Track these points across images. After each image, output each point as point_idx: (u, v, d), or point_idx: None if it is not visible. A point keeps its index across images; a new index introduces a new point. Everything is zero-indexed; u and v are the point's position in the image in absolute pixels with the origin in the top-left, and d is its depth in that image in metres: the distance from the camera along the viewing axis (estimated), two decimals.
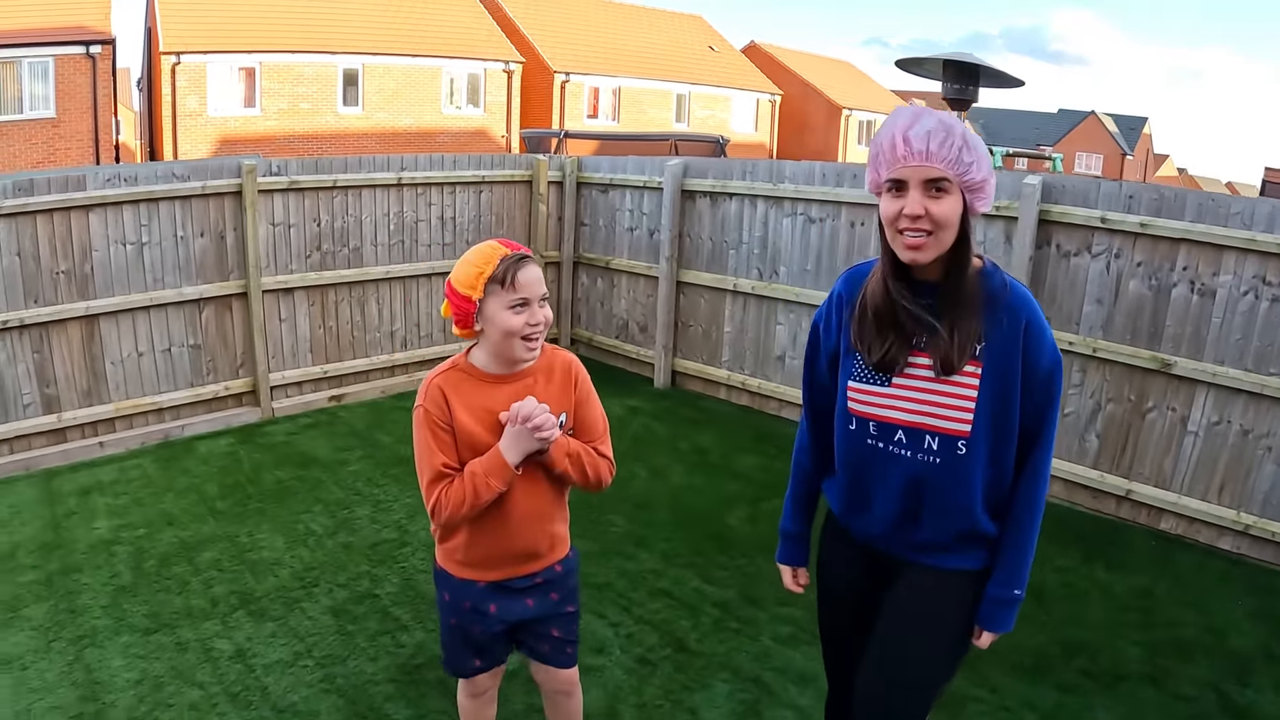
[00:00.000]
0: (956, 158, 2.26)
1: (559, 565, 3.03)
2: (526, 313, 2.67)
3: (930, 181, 2.27)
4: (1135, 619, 5.06)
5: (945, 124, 2.27)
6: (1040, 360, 2.40)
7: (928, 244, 2.30)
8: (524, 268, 2.66)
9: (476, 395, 2.75)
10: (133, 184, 6.94)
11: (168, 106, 24.73)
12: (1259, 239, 5.58)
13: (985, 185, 2.32)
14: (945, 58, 7.52)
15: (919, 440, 2.46)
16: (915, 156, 2.27)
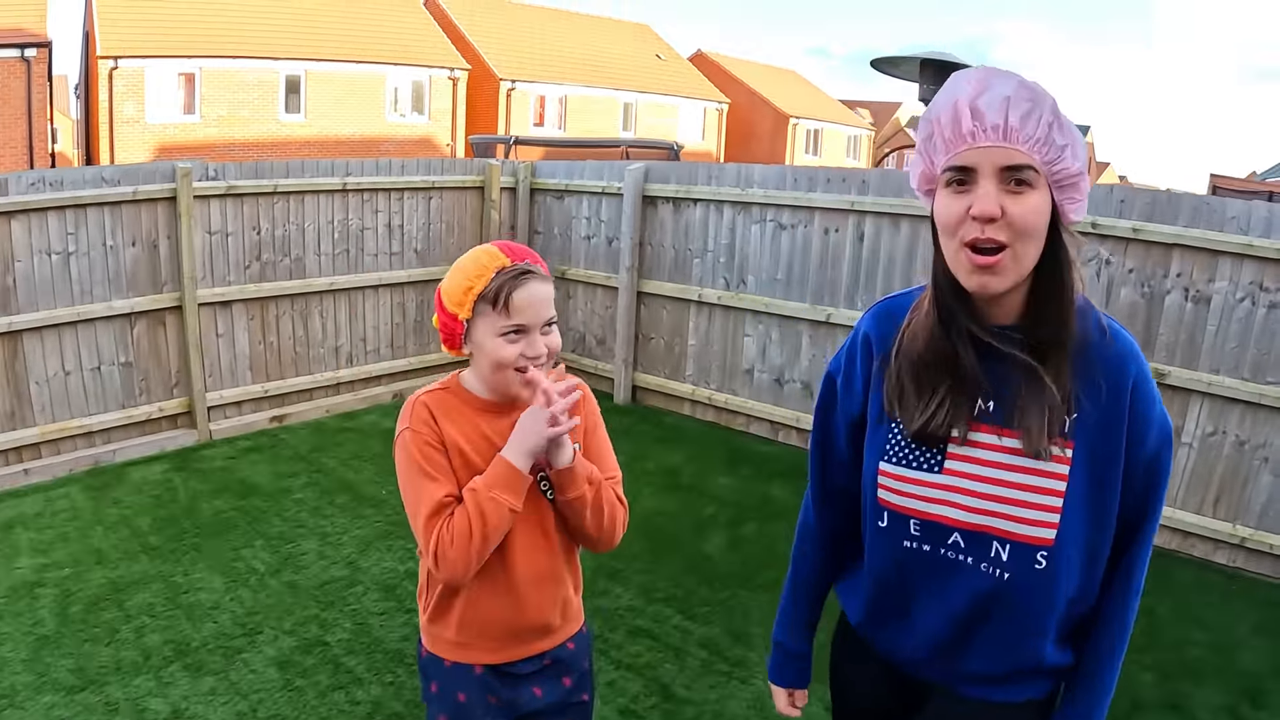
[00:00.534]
0: (1046, 137, 1.59)
1: (571, 642, 2.42)
2: (523, 342, 2.14)
3: (1010, 170, 1.60)
4: (1140, 641, 4.85)
5: (1031, 90, 1.61)
6: (1148, 432, 1.74)
7: (1003, 263, 1.62)
8: (524, 285, 2.13)
9: (468, 422, 2.22)
10: (59, 189, 6.46)
11: (105, 113, 24.17)
12: (1256, 244, 5.48)
13: (1081, 182, 1.66)
14: (924, 56, 7.24)
15: (983, 548, 1.79)
16: (989, 133, 1.61)
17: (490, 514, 2.08)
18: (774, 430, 7.77)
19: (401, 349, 8.75)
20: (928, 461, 1.80)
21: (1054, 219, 1.66)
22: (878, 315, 1.93)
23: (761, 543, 5.90)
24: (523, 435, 2.11)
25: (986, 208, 1.60)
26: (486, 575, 2.20)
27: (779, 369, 7.69)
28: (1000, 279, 1.64)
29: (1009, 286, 1.66)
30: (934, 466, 1.79)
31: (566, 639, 2.41)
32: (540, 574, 2.28)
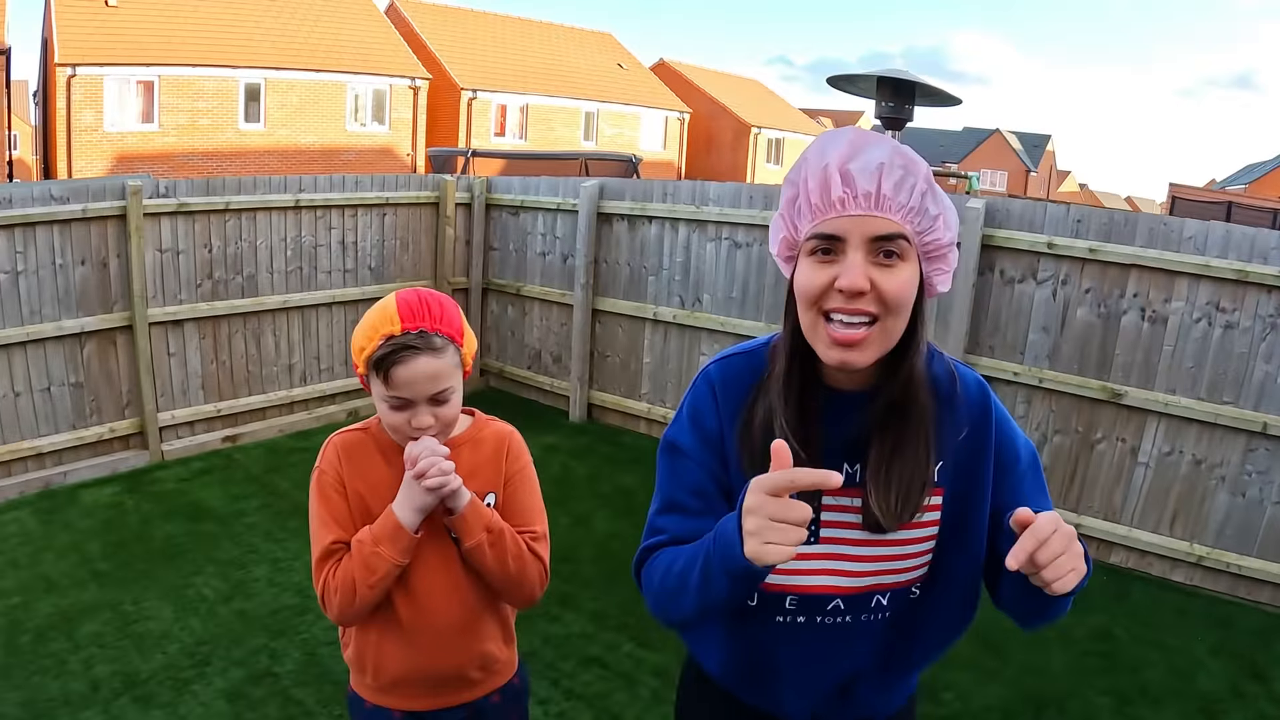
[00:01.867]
0: (919, 206, 1.52)
1: (497, 695, 2.35)
2: (409, 412, 2.09)
3: (880, 240, 1.50)
4: (1098, 664, 4.97)
5: (905, 157, 1.53)
6: (1018, 450, 1.75)
7: (868, 339, 1.52)
8: (405, 363, 2.04)
9: (375, 468, 2.19)
10: (6, 206, 6.39)
11: (63, 121, 23.92)
12: (1213, 264, 5.55)
13: (950, 254, 1.60)
14: (880, 74, 7.27)
15: (864, 603, 1.74)
16: (860, 201, 1.50)
17: (371, 563, 2.07)
18: None
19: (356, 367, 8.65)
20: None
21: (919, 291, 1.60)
22: (726, 379, 1.76)
23: None
24: (408, 491, 2.08)
25: (855, 281, 1.49)
26: (393, 624, 2.19)
27: None
28: (864, 354, 1.54)
29: (872, 362, 1.56)
30: (810, 538, 1.63)
31: (491, 691, 2.35)
32: (451, 625, 2.22)
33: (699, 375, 1.82)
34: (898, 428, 1.63)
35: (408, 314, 2.07)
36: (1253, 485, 5.59)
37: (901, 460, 1.63)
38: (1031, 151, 69.66)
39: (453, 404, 2.15)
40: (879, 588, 1.73)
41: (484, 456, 2.27)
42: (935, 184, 1.56)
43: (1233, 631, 5.33)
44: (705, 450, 1.74)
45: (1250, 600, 5.66)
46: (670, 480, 1.79)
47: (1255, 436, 5.55)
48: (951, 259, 1.62)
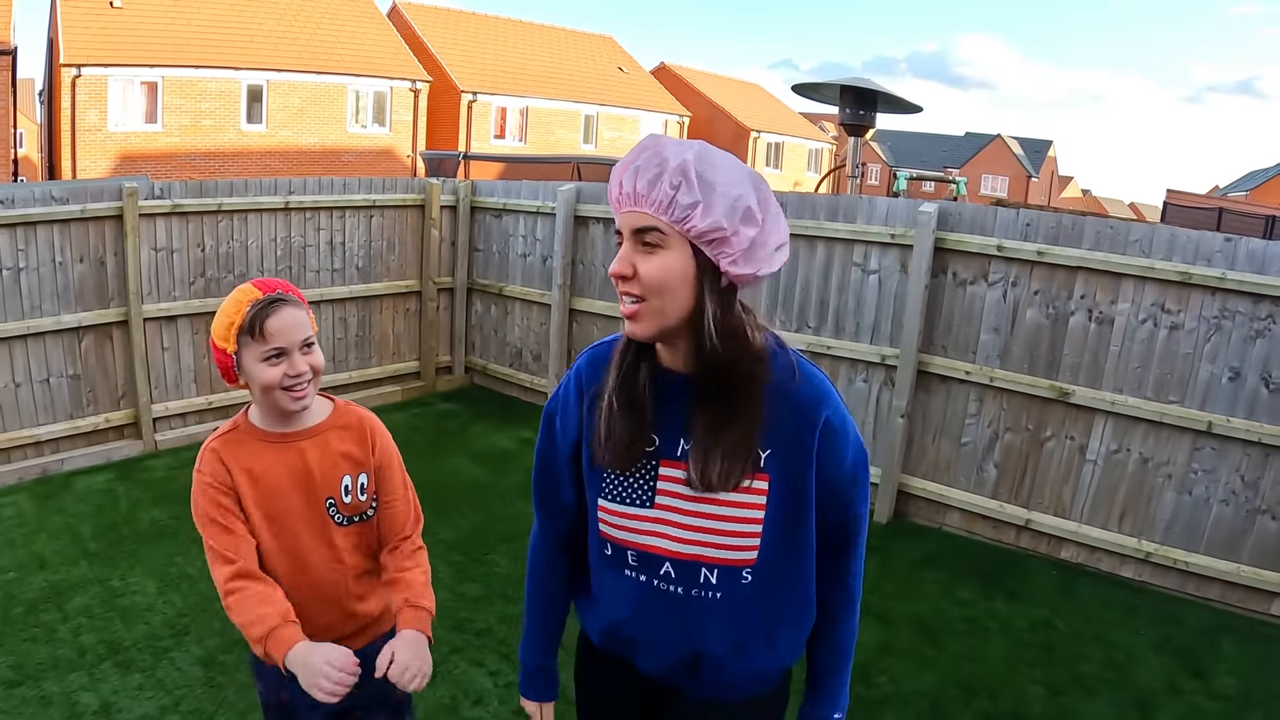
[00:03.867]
0: (669, 200, 1.71)
1: (380, 640, 2.46)
2: (285, 363, 2.32)
3: (639, 231, 1.75)
4: (1036, 655, 5.05)
5: (660, 155, 1.74)
6: (844, 459, 1.92)
7: (640, 312, 1.77)
8: (275, 313, 2.30)
9: (260, 457, 2.40)
10: (9, 206, 6.70)
11: (67, 121, 24.09)
12: (1157, 266, 5.65)
13: (726, 236, 1.73)
14: (842, 83, 7.51)
15: (692, 574, 1.94)
16: (624, 200, 1.77)
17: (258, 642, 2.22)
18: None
19: (343, 363, 8.99)
20: (639, 497, 1.94)
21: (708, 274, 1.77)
22: (591, 359, 2.05)
23: None
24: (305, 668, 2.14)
25: (616, 268, 1.78)
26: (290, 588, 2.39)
27: None
28: (640, 326, 1.79)
29: (652, 334, 1.80)
30: (645, 502, 1.94)
31: (374, 639, 2.54)
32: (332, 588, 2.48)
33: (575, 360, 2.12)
34: (718, 408, 1.84)
35: (263, 286, 2.36)
36: (1199, 483, 5.68)
37: (720, 435, 1.84)
38: (1033, 157, 69.56)
39: (318, 355, 2.41)
40: (704, 559, 1.93)
41: (351, 440, 2.52)
42: (698, 175, 1.71)
43: (1179, 628, 5.41)
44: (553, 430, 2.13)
45: (1199, 597, 5.74)
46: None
47: (1201, 435, 5.65)
48: (735, 242, 1.73)
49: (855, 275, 6.83)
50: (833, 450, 1.90)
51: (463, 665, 4.67)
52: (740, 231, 1.73)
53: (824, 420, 1.88)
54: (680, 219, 1.71)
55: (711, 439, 1.85)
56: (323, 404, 2.54)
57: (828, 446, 1.89)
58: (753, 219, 1.74)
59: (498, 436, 8.30)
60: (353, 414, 2.57)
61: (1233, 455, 5.60)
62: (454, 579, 5.62)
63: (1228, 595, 5.69)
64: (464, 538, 6.21)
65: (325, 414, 2.52)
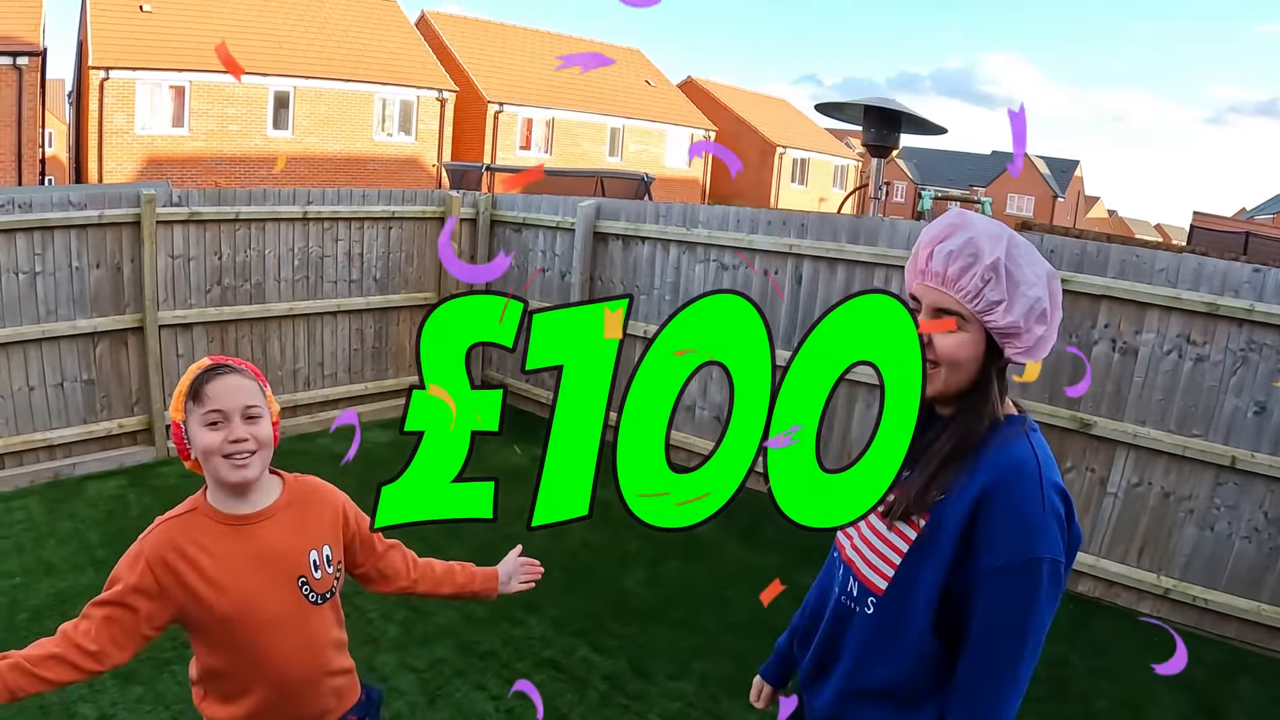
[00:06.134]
0: (977, 291, 1.84)
1: (353, 714, 2.53)
2: (225, 429, 2.23)
3: (941, 310, 1.90)
4: (1048, 691, 4.96)
5: (975, 245, 1.86)
6: (988, 550, 1.83)
7: (932, 377, 1.88)
8: (216, 378, 2.25)
9: (214, 543, 2.27)
10: (27, 211, 6.70)
11: (95, 123, 24.22)
12: (1184, 297, 5.56)
13: (1020, 332, 1.87)
14: (866, 103, 7.44)
15: (848, 577, 2.08)
16: (931, 276, 1.91)
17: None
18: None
19: (359, 374, 8.96)
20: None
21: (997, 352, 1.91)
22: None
23: (679, 581, 6.04)
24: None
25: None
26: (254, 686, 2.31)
27: (719, 406, 7.82)
28: (929, 387, 1.84)
29: (934, 395, 1.92)
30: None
31: (346, 712, 2.51)
32: (310, 674, 2.39)
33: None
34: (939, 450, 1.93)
35: (216, 359, 2.34)
36: (1221, 519, 5.59)
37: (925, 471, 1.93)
38: (1059, 177, 69.33)
39: (264, 426, 2.31)
40: (855, 568, 2.06)
41: (315, 513, 2.44)
42: (1006, 270, 1.84)
43: (1194, 666, 5.19)
44: None
45: (1216, 635, 5.62)
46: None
47: (1224, 470, 5.55)
48: (1029, 338, 1.88)
49: None
50: (981, 530, 1.86)
51: (464, 688, 4.62)
52: (1033, 330, 1.88)
53: (983, 492, 1.86)
54: (983, 311, 1.86)
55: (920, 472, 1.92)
56: (272, 481, 2.43)
57: (979, 523, 1.86)
58: (1044, 319, 1.89)
59: (512, 453, 8.24)
60: (309, 485, 2.50)
61: (1256, 491, 5.50)
62: None
63: (1246, 634, 5.59)
64: (473, 557, 6.02)
65: (278, 491, 2.42)
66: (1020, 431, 1.92)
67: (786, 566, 6.11)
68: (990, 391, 1.92)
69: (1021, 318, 1.84)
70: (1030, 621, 1.81)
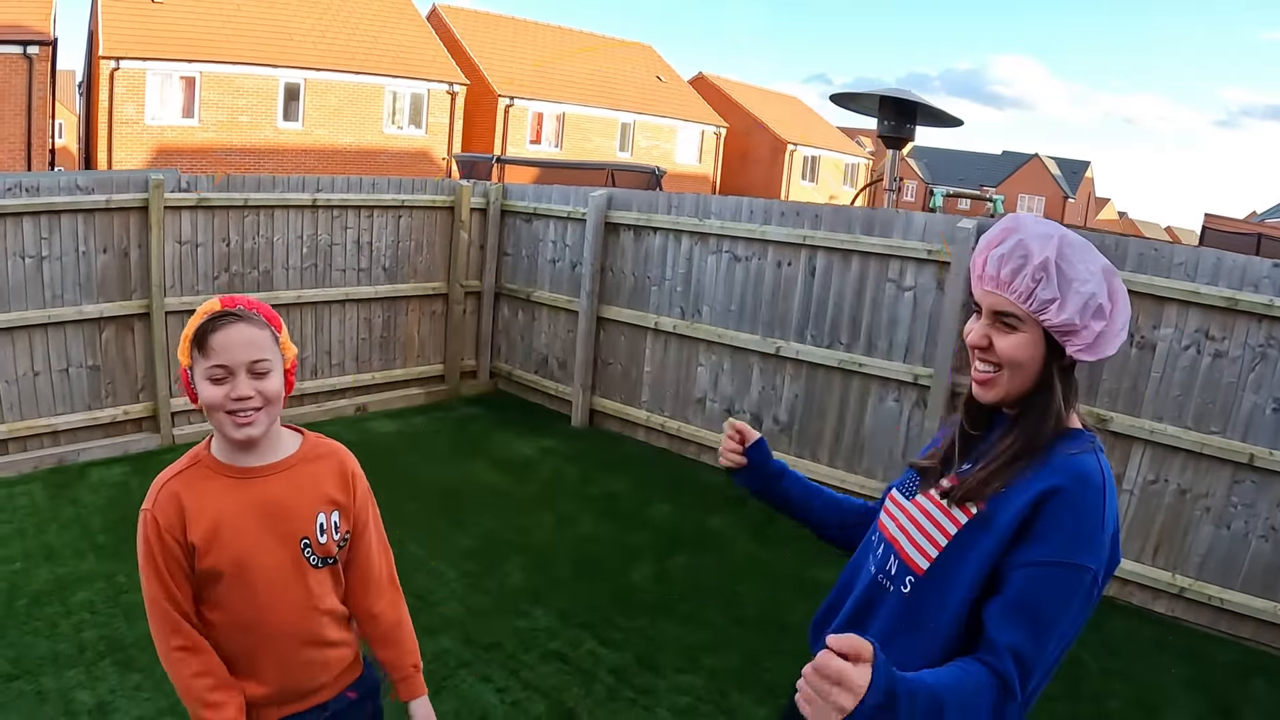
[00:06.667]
0: (1030, 291, 1.88)
1: (352, 690, 2.43)
2: (229, 384, 2.11)
3: (998, 313, 1.94)
4: (1061, 690, 4.88)
5: (1025, 246, 1.91)
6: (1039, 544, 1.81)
7: (995, 380, 1.96)
8: (222, 328, 2.11)
9: (216, 495, 2.17)
10: (34, 194, 6.65)
11: (104, 113, 24.20)
12: (1202, 291, 5.48)
13: (1077, 329, 1.89)
14: (882, 93, 7.35)
15: (888, 556, 2.08)
16: (987, 281, 1.95)
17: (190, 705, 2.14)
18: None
19: (366, 363, 8.91)
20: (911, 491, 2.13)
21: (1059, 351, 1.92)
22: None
23: (688, 575, 5.97)
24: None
25: (973, 340, 1.98)
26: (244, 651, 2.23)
27: (730, 399, 7.77)
28: (990, 392, 1.98)
29: (998, 400, 1.97)
30: (911, 495, 2.12)
31: (345, 689, 2.41)
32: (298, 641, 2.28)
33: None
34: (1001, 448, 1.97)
35: (227, 301, 2.17)
36: (1238, 518, 5.51)
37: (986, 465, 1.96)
38: (1070, 178, 69.19)
39: (273, 381, 2.18)
40: (898, 546, 2.06)
41: (326, 473, 2.33)
42: (1058, 269, 1.87)
43: (1208, 666, 5.22)
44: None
45: (1231, 635, 5.54)
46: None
47: (1241, 468, 5.47)
48: (1087, 335, 1.89)
49: (889, 291, 6.70)
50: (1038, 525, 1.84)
51: (469, 680, 4.56)
52: (1090, 326, 1.89)
53: (1043, 491, 1.85)
54: (1037, 310, 1.89)
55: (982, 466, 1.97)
56: (290, 436, 2.34)
57: (1033, 521, 1.85)
58: (1102, 314, 1.90)
59: (520, 444, 8.20)
60: (326, 447, 2.39)
61: (1274, 490, 5.42)
62: (465, 590, 5.52)
63: (1262, 635, 5.51)
64: (479, 546, 6.10)
65: (294, 447, 2.32)
66: (1090, 448, 1.92)
67: (798, 562, 6.05)
68: (1054, 391, 1.94)
69: (1077, 315, 1.87)
70: (1061, 614, 1.79)
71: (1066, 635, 1.83)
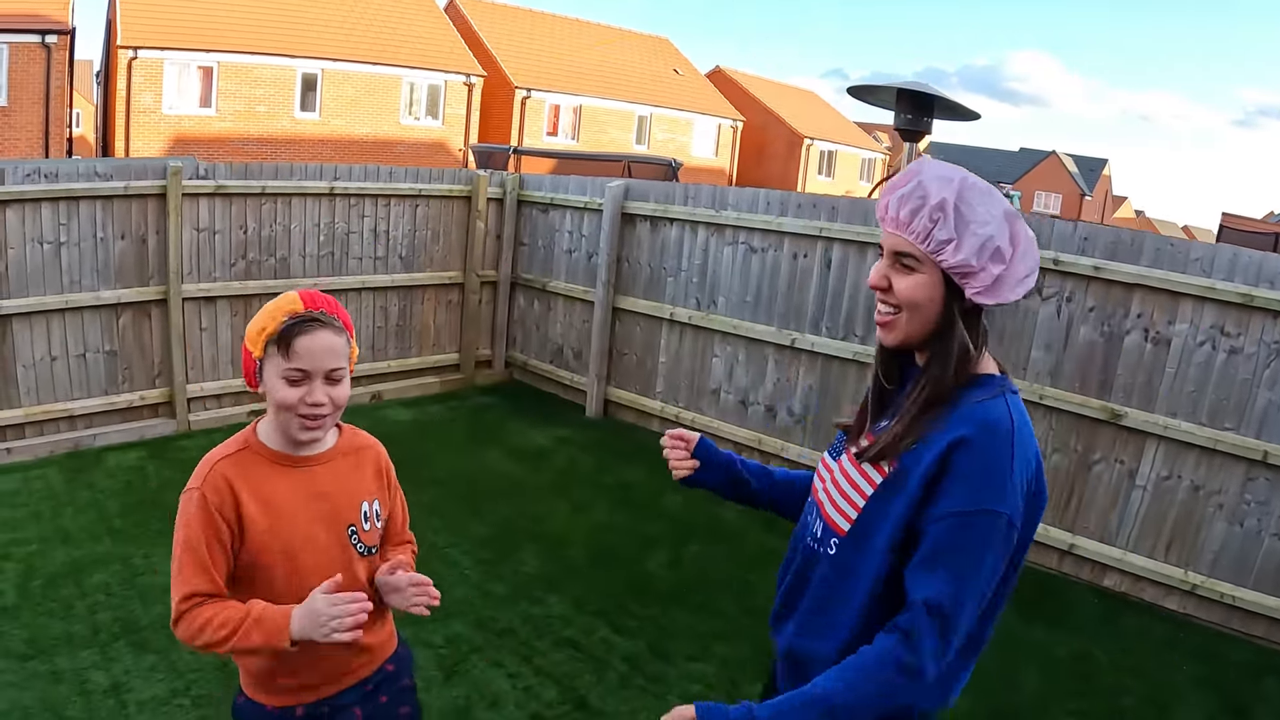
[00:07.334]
0: (926, 231, 1.87)
1: (390, 664, 2.48)
2: (305, 388, 2.16)
3: (896, 253, 1.94)
4: (1073, 686, 4.89)
5: (924, 187, 1.89)
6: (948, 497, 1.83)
7: (894, 323, 1.95)
8: (308, 333, 2.14)
9: (267, 482, 2.20)
10: (53, 180, 6.70)
11: (122, 102, 24.27)
12: (1218, 287, 5.45)
13: (975, 271, 1.88)
14: (899, 86, 7.29)
15: (816, 519, 2.11)
16: (888, 222, 1.95)
17: (236, 635, 2.06)
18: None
19: (382, 351, 8.94)
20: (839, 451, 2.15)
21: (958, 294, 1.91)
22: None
23: (700, 564, 5.98)
24: (311, 622, 2.04)
25: (872, 280, 1.99)
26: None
27: (744, 391, 7.78)
28: (890, 334, 1.98)
29: (898, 342, 1.98)
30: (838, 455, 2.15)
31: (383, 662, 2.46)
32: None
33: None
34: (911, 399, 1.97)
35: (309, 300, 2.19)
36: (1251, 515, 5.47)
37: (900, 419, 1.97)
38: (1087, 175, 68.94)
39: (344, 388, 2.23)
40: (822, 509, 2.10)
41: (367, 473, 2.39)
42: (957, 211, 1.87)
43: (1220, 664, 5.20)
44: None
45: (1243, 633, 5.52)
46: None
47: (1255, 465, 5.43)
48: (985, 277, 1.88)
49: None
50: (946, 479, 1.86)
51: (481, 665, 4.58)
52: (988, 268, 1.88)
53: (949, 444, 1.86)
54: (933, 251, 1.89)
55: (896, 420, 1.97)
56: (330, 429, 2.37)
57: (942, 473, 1.86)
58: (1000, 257, 1.89)
59: (534, 433, 8.21)
60: (363, 439, 2.45)
61: None
62: (480, 576, 5.54)
63: (1274, 633, 5.48)
64: (494, 534, 6.12)
65: (334, 439, 2.36)
66: (999, 393, 1.93)
67: None
68: (955, 334, 1.93)
69: (973, 255, 1.87)
70: (977, 562, 1.82)
71: (986, 586, 1.84)
